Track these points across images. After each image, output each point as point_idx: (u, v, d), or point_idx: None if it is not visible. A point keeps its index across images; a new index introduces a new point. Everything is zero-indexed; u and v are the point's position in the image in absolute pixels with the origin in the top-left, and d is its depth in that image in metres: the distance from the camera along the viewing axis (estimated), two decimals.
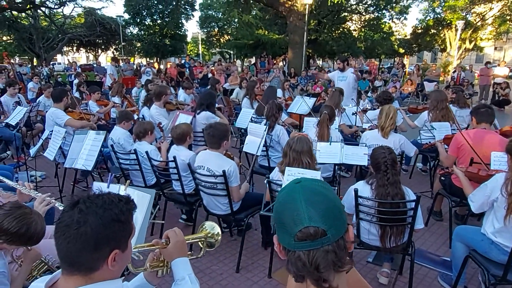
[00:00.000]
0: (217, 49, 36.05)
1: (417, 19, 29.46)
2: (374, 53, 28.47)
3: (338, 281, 0.92)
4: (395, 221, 2.51)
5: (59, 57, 35.51)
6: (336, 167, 4.09)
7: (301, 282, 0.93)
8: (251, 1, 13.88)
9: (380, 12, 28.03)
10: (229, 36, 32.88)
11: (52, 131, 4.22)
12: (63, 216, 1.09)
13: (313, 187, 0.96)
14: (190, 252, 1.58)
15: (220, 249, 3.47)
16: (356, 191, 2.54)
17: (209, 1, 32.94)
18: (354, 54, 24.16)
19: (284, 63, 18.54)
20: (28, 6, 20.01)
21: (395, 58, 29.00)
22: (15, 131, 5.38)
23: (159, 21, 31.95)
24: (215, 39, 35.47)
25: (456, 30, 23.21)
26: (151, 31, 31.94)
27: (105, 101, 7.13)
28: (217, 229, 1.69)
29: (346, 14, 27.98)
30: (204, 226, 1.72)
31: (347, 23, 29.03)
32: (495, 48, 31.18)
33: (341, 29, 28.51)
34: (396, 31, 30.11)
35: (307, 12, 14.14)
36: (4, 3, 18.38)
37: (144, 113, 5.96)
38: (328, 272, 0.89)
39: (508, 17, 23.43)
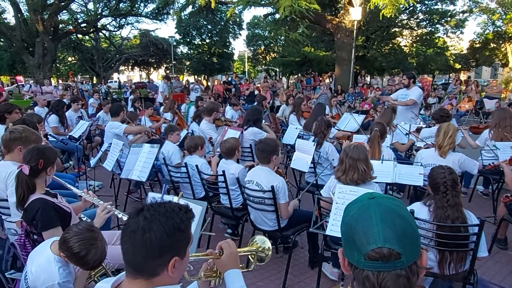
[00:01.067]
0: (263, 66, 36.69)
1: (474, 33, 27.84)
2: (427, 69, 27.30)
3: None
4: (455, 246, 2.33)
5: (115, 75, 38.11)
6: (388, 187, 3.93)
7: None
8: (298, 19, 13.98)
9: (433, 27, 26.98)
10: (275, 54, 33.38)
11: (111, 143, 4.49)
12: (129, 222, 1.15)
13: (389, 205, 0.91)
14: (241, 265, 1.58)
15: (265, 265, 3.43)
16: (412, 212, 2.41)
17: (256, 20, 33.79)
18: (405, 70, 23.37)
19: (331, 80, 18.40)
20: (91, 30, 21.81)
21: (450, 74, 27.59)
22: (77, 143, 5.79)
23: (207, 40, 33.30)
24: (261, 57, 36.19)
25: None
26: (200, 50, 33.33)
27: (157, 117, 7.48)
28: (268, 244, 1.68)
29: (396, 29, 27.29)
30: (254, 240, 1.71)
31: (397, 38, 28.27)
32: None
33: (390, 45, 27.81)
34: (451, 46, 28.73)
35: (355, 29, 13.94)
36: (71, 27, 20.20)
37: (193, 128, 6.17)
38: None
39: None
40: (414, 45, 28.37)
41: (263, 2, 13.40)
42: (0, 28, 18.35)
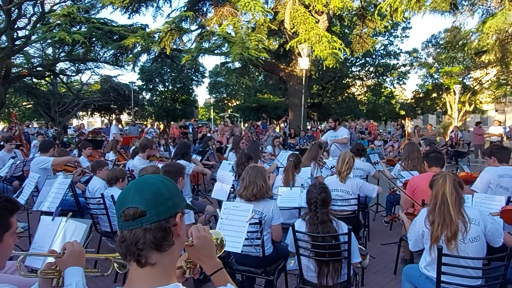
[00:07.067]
0: (225, 113, 37.63)
1: (417, 84, 31.00)
2: (377, 115, 29.31)
3: (159, 259, 1.00)
4: (330, 256, 2.50)
5: (74, 121, 37.29)
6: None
7: (127, 261, 1.01)
8: (251, 67, 14.87)
9: (380, 78, 29.48)
10: (237, 101, 34.54)
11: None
12: None
13: (148, 178, 1.08)
14: (96, 270, 1.63)
15: None
16: (293, 226, 2.58)
17: (218, 69, 35.11)
18: (356, 117, 24.96)
19: (285, 124, 19.23)
20: (47, 74, 21.59)
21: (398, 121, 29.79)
22: (1, 181, 5.57)
23: (170, 87, 33.91)
24: (223, 104, 37.19)
25: (455, 94, 24.02)
26: (163, 96, 33.76)
27: (95, 157, 7.41)
28: None
29: (348, 80, 29.51)
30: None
31: (351, 88, 30.52)
32: (496, 111, 31.77)
33: (345, 94, 29.90)
34: (397, 96, 31.29)
35: (303, 77, 14.96)
36: (24, 70, 19.89)
37: (129, 165, 6.19)
38: (148, 250, 0.98)
39: (503, 81, 24.26)
40: (366, 94, 30.70)
41: (216, 51, 14.14)
42: None
